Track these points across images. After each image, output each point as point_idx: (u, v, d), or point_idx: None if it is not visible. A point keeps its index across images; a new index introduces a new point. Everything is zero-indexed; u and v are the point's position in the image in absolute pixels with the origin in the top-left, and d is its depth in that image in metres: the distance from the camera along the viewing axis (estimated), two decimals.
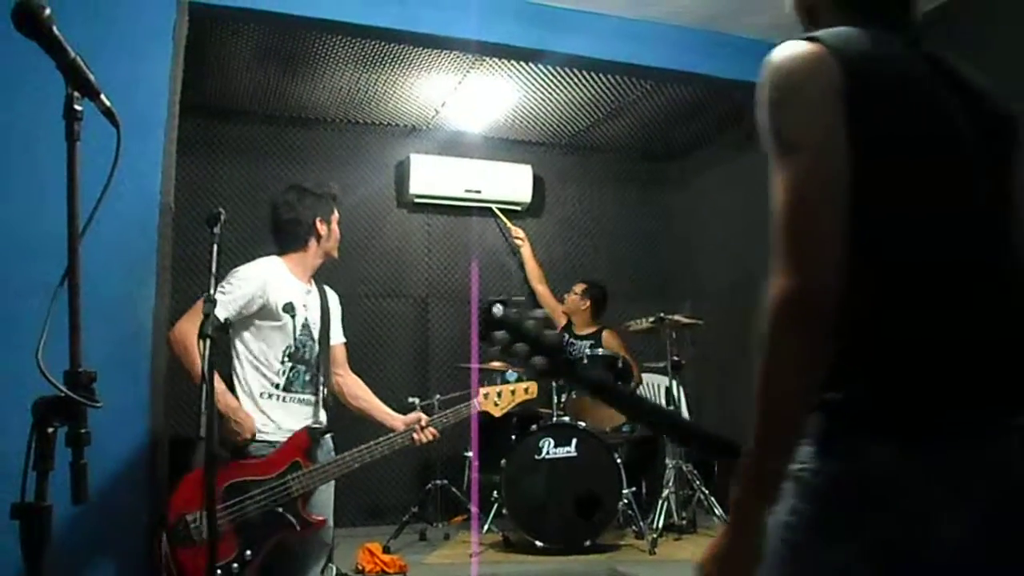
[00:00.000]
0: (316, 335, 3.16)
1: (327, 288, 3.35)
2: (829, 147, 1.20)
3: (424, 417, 3.17)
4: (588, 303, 5.78)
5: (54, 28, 1.42)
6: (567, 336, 5.82)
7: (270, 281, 3.07)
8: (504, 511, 4.55)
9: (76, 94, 1.44)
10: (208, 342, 2.50)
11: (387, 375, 5.84)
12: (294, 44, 4.88)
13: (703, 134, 6.49)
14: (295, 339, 3.06)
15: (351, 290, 5.92)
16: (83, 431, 1.37)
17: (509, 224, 6.43)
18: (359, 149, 6.29)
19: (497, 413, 3.45)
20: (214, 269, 2.69)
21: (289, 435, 2.97)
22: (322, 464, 2.95)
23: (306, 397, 3.10)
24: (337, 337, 3.33)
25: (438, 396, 5.13)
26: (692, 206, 6.91)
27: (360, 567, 3.95)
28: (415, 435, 3.12)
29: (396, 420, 3.21)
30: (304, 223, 3.20)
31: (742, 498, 1.24)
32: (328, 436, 3.13)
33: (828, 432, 1.26)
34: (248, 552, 2.80)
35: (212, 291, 2.64)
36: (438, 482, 5.17)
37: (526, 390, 3.50)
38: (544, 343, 1.45)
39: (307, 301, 3.17)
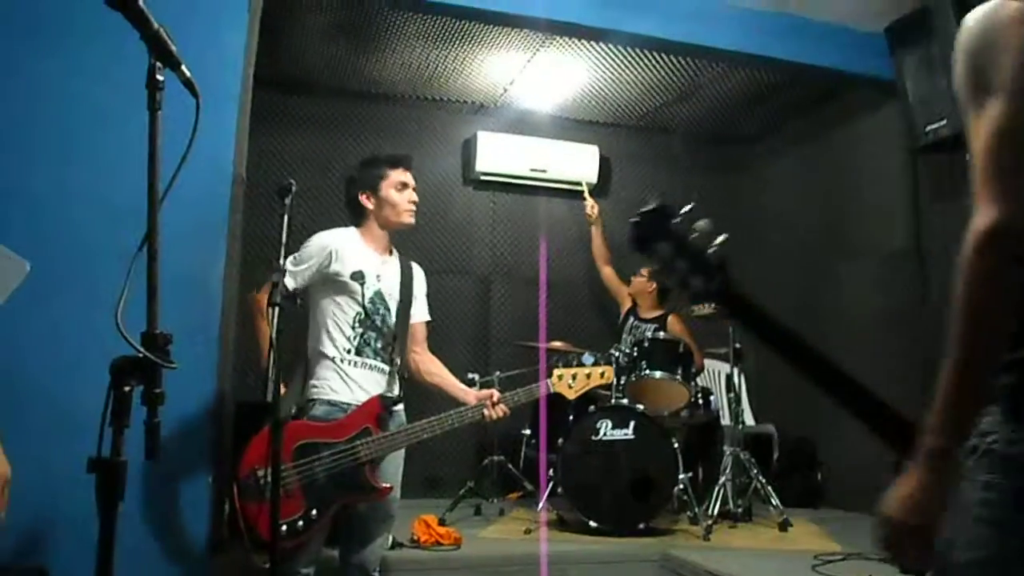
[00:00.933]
0: (393, 306, 3.21)
1: (415, 265, 3.40)
2: None
3: (496, 394, 3.20)
4: (654, 286, 5.74)
5: (139, 1, 1.46)
6: (631, 318, 5.80)
7: (340, 249, 3.13)
8: (559, 490, 4.56)
9: (159, 64, 1.48)
10: (276, 310, 2.56)
11: (448, 350, 5.85)
12: (366, 19, 4.91)
13: (774, 120, 6.38)
14: (364, 306, 3.11)
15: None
16: (157, 391, 1.43)
17: (588, 197, 6.32)
18: (427, 125, 6.32)
19: (571, 396, 3.44)
20: (284, 240, 2.75)
21: (362, 401, 3.04)
22: (392, 432, 3.00)
23: (378, 364, 3.14)
24: (419, 315, 3.37)
25: (498, 373, 5.15)
26: (759, 192, 6.80)
27: (415, 538, 4.00)
28: (485, 411, 3.14)
29: (469, 395, 3.25)
30: (353, 200, 3.27)
31: (935, 440, 1.24)
32: (400, 407, 3.18)
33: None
34: (314, 512, 2.87)
35: (282, 261, 2.71)
36: (495, 458, 5.21)
37: (602, 374, 3.47)
38: (709, 263, 1.36)
39: (381, 271, 3.22)
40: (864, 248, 5.54)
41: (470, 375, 4.98)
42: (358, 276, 3.09)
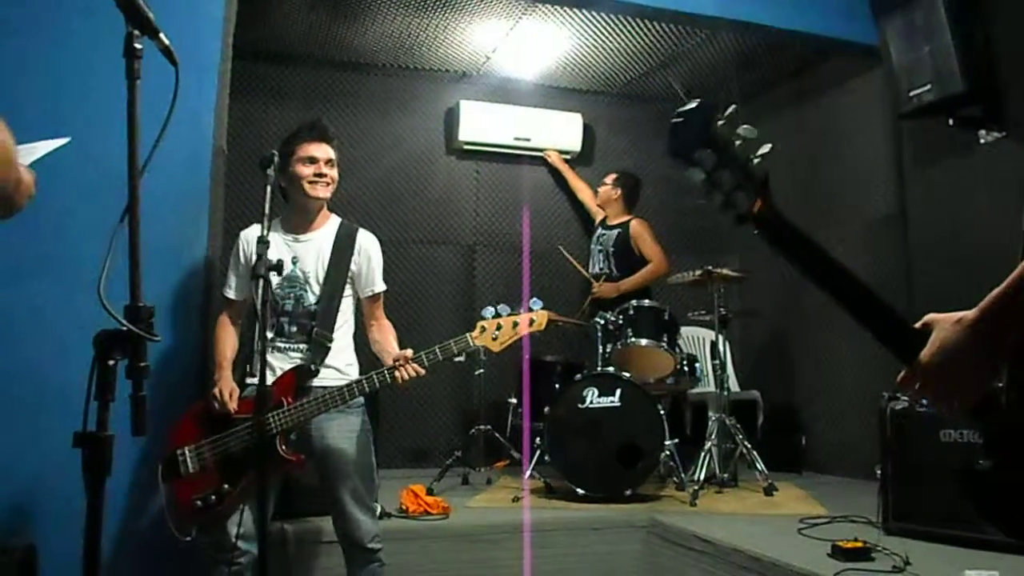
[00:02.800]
0: (313, 284, 3.17)
1: (363, 235, 3.30)
2: None
3: (408, 353, 3.01)
4: (620, 192, 5.77)
5: None
6: (599, 228, 5.86)
7: (247, 247, 3.18)
8: (546, 458, 4.59)
9: (136, 32, 1.46)
10: (261, 282, 2.55)
11: (433, 321, 5.90)
12: None
13: (757, 85, 6.36)
14: (273, 293, 3.05)
15: (399, 236, 5.97)
16: (142, 364, 1.42)
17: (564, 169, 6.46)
18: (409, 94, 6.27)
19: (496, 348, 3.09)
20: (267, 210, 2.73)
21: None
22: (300, 402, 2.96)
23: (290, 346, 3.13)
24: (368, 286, 3.29)
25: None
26: None
27: (404, 507, 4.02)
28: (396, 372, 2.99)
29: (388, 357, 3.10)
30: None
31: (988, 326, 1.26)
32: (333, 374, 3.13)
33: None
34: (226, 485, 2.90)
35: (266, 232, 2.68)
36: (481, 427, 5.22)
37: (531, 322, 3.09)
38: (752, 177, 1.23)
39: (298, 252, 3.18)
40: (848, 214, 5.55)
41: None
42: (261, 267, 2.82)
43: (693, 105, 1.23)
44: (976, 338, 1.26)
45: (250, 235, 3.19)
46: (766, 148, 1.25)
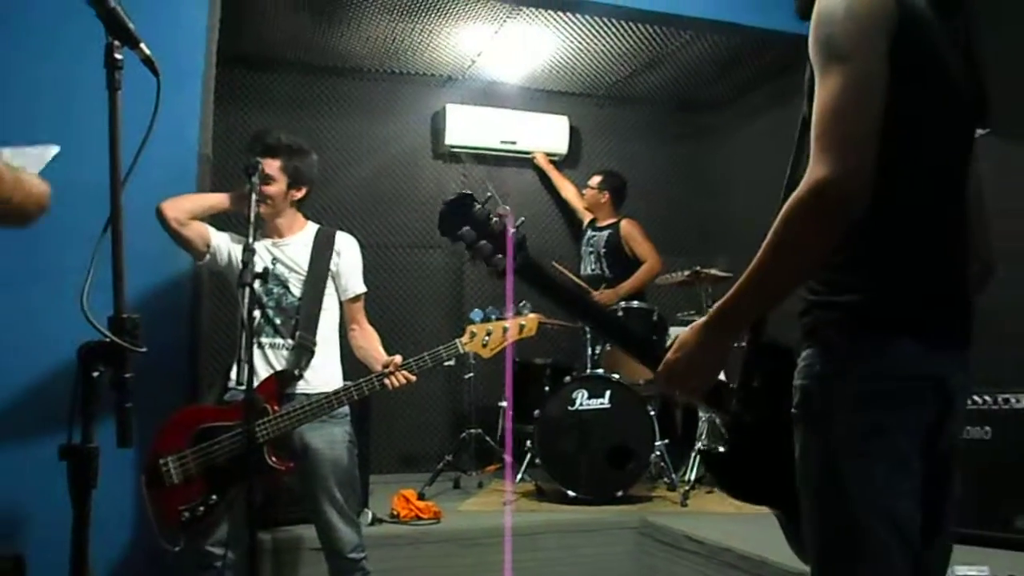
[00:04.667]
0: (295, 282, 3.17)
1: (341, 237, 3.30)
2: (877, 62, 1.36)
3: (397, 360, 3.01)
4: (607, 195, 5.78)
5: None
6: (588, 230, 5.87)
7: (225, 244, 3.19)
8: (537, 461, 4.59)
9: (116, 43, 1.45)
10: (249, 291, 2.54)
11: (421, 325, 5.89)
12: None
13: (742, 86, 6.38)
14: (254, 290, 2.99)
15: (386, 240, 5.96)
16: (127, 375, 1.41)
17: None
18: (395, 99, 6.26)
19: (486, 354, 3.11)
20: (252, 218, 2.72)
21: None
22: (288, 410, 2.93)
23: (276, 341, 3.11)
24: (349, 290, 3.28)
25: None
26: (729, 159, 6.81)
27: (395, 512, 4.01)
28: (386, 380, 2.98)
29: (376, 363, 3.10)
30: None
31: (718, 322, 1.51)
32: (313, 380, 3.11)
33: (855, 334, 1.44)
34: (213, 496, 2.84)
35: (251, 239, 2.67)
36: (472, 431, 5.22)
37: (521, 327, 3.12)
38: (506, 242, 1.57)
39: (276, 255, 3.19)
40: None
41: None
42: (247, 276, 2.75)
43: (453, 196, 1.62)
44: (706, 333, 1.52)
45: (225, 235, 3.22)
46: (520, 220, 1.75)
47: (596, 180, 5.84)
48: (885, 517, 1.37)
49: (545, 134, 6.42)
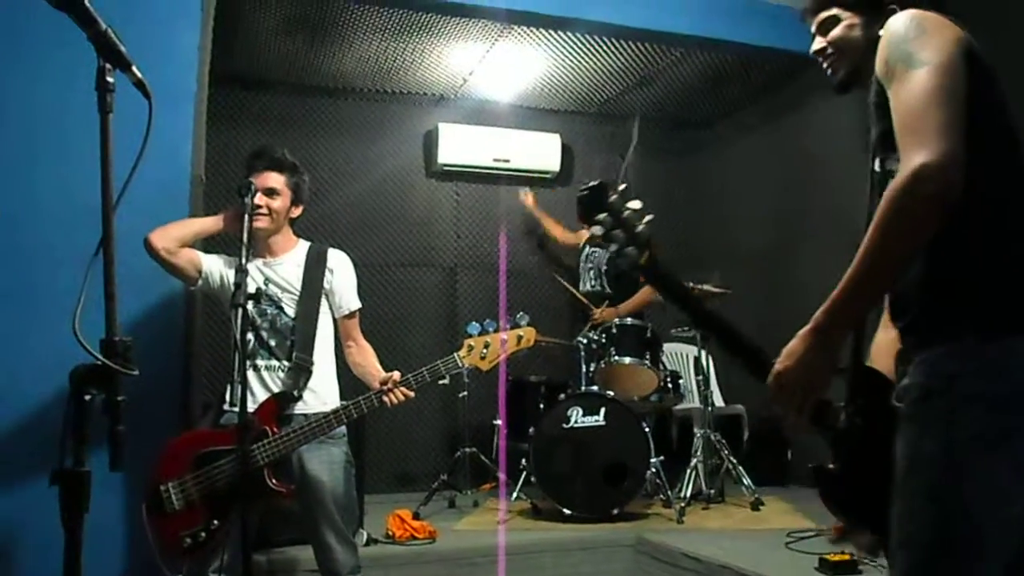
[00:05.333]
0: (288, 302, 3.15)
1: (334, 254, 3.28)
2: (958, 58, 1.46)
3: (396, 376, 2.98)
4: None
5: (85, 1, 1.43)
6: (587, 248, 5.77)
7: (210, 272, 3.18)
8: (532, 479, 4.57)
9: (108, 66, 1.45)
10: (241, 311, 2.53)
11: (415, 344, 5.88)
12: (321, 13, 4.87)
13: (733, 102, 6.42)
14: (248, 311, 2.96)
15: (380, 259, 5.96)
16: (119, 399, 1.40)
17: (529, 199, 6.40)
18: (387, 119, 6.28)
19: (485, 367, 3.06)
20: (245, 239, 2.72)
21: (260, 403, 2.99)
22: (287, 432, 2.90)
23: (272, 363, 3.09)
24: (343, 307, 3.26)
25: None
26: (721, 175, 6.85)
27: (390, 533, 3.99)
28: (384, 397, 2.96)
29: (374, 380, 3.07)
30: None
31: (826, 324, 1.53)
32: (312, 401, 3.10)
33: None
34: (215, 521, 2.80)
35: (244, 260, 2.66)
36: (467, 450, 5.20)
37: (519, 339, 3.06)
38: (639, 238, 1.58)
39: (267, 274, 3.18)
40: (824, 229, 5.58)
41: None
42: (239, 296, 2.74)
43: (593, 184, 1.62)
44: (815, 336, 1.54)
45: (216, 258, 3.21)
46: (649, 217, 1.64)
47: None
48: (1002, 521, 1.37)
49: (537, 152, 6.44)
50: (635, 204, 1.63)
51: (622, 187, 1.64)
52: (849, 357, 1.66)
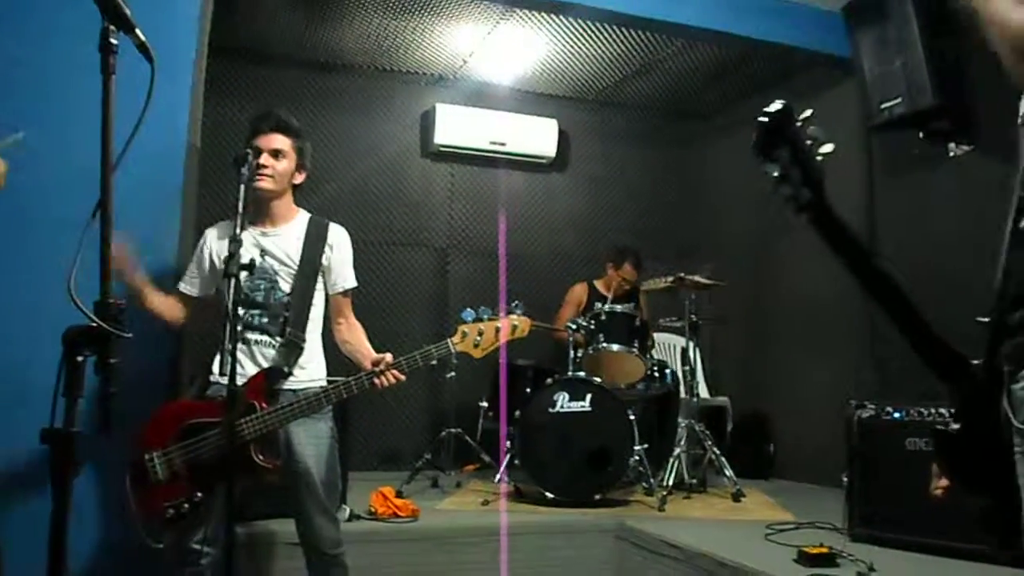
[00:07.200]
0: (284, 276, 3.10)
1: (334, 229, 3.24)
2: None
3: (388, 358, 2.93)
4: (629, 266, 5.64)
5: None
6: (595, 302, 5.47)
7: (208, 243, 3.15)
8: (516, 462, 4.59)
9: (112, 27, 1.45)
10: (233, 281, 2.52)
11: (405, 324, 5.89)
12: None
13: (732, 95, 6.42)
14: (242, 286, 2.88)
15: (372, 238, 5.96)
16: (112, 361, 1.40)
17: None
18: (385, 96, 6.26)
19: (478, 355, 3.02)
20: (240, 209, 2.70)
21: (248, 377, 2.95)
22: (276, 408, 2.86)
23: (263, 339, 3.05)
24: (337, 284, 3.21)
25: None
26: (717, 167, 6.85)
27: (373, 510, 4.00)
28: (376, 379, 2.91)
29: (365, 360, 3.03)
30: None
31: None
32: (303, 377, 3.06)
33: None
34: (199, 493, 2.77)
35: (238, 231, 2.64)
36: (451, 430, 5.22)
37: (514, 328, 3.01)
38: (816, 177, 1.34)
39: (265, 245, 3.11)
40: None
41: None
42: (232, 266, 2.69)
43: (778, 108, 1.35)
44: None
45: (211, 233, 3.17)
46: (829, 147, 1.37)
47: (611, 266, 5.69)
48: None
49: (534, 136, 6.44)
50: (816, 131, 1.39)
51: (807, 113, 1.40)
52: (993, 304, 1.47)
